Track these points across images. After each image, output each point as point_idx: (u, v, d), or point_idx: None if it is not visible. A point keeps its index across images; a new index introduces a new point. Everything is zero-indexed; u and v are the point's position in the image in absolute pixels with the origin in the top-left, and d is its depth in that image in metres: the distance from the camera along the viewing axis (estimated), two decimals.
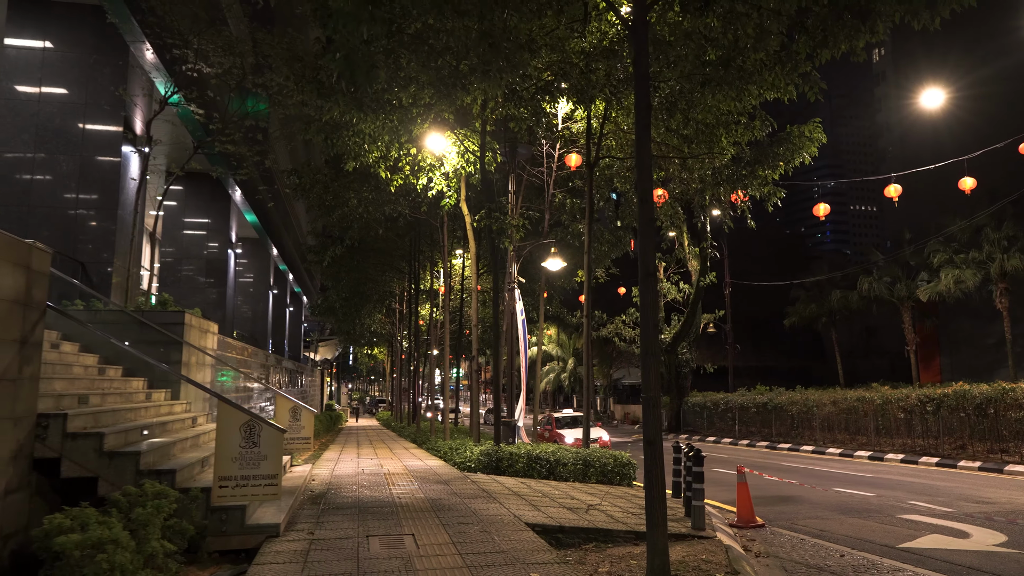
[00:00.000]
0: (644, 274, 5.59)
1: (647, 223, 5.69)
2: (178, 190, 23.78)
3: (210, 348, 12.34)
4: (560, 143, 17.30)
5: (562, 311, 29.34)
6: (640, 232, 5.70)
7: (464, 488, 9.46)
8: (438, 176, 13.79)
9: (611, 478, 11.74)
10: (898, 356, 43.63)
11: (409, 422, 29.85)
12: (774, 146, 14.26)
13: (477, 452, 12.01)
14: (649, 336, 5.50)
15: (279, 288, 38.36)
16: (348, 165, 12.70)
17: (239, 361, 16.18)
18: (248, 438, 6.30)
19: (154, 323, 10.55)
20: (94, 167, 13.02)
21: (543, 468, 11.62)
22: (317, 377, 43.89)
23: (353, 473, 11.30)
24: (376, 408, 65.37)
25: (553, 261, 15.28)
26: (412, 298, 26.87)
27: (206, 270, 23.92)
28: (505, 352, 16.16)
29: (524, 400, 14.88)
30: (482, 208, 12.63)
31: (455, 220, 22.83)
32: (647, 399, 5.44)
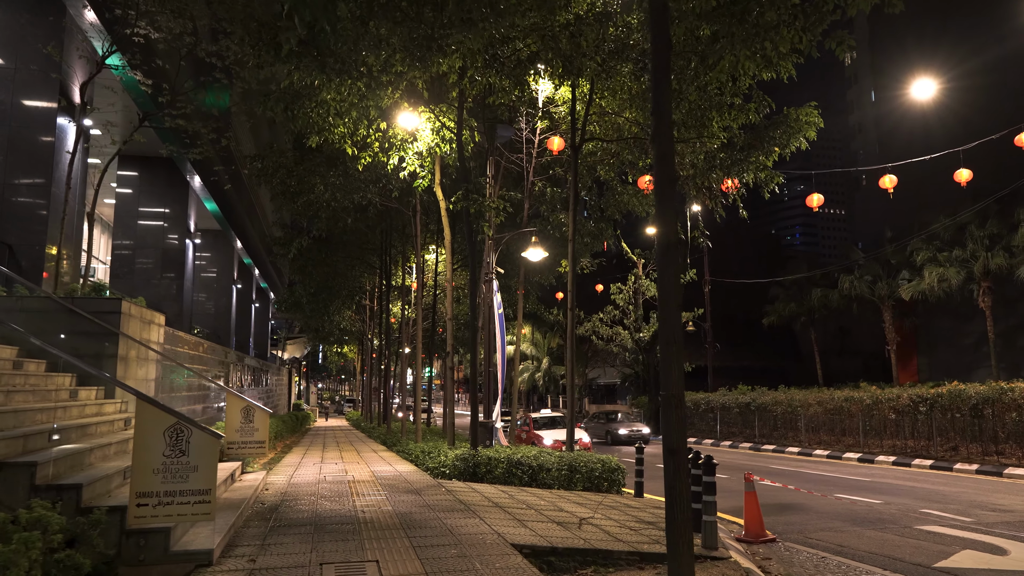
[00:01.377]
0: (663, 246, 4.56)
1: (666, 183, 4.66)
2: (133, 176, 22.27)
3: (155, 341, 11.06)
4: (541, 129, 16.29)
5: (540, 308, 28.28)
6: (658, 196, 4.67)
7: (438, 499, 8.35)
8: (410, 155, 12.65)
9: (599, 485, 10.74)
10: (872, 356, 43.45)
11: (379, 423, 28.63)
12: (770, 129, 13.38)
13: (452, 457, 10.91)
14: (671, 321, 4.47)
15: (244, 283, 36.75)
16: (311, 140, 11.51)
17: (192, 357, 14.86)
18: (174, 445, 5.13)
19: (86, 312, 9.29)
20: (24, 139, 11.64)
21: (525, 474, 10.57)
22: (285, 376, 42.37)
23: (313, 481, 10.12)
24: (345, 408, 63.76)
25: (534, 251, 14.21)
26: (383, 294, 25.65)
27: (162, 262, 22.41)
28: (482, 349, 15.09)
29: (501, 400, 13.81)
30: (457, 194, 11.53)
31: (428, 212, 21.74)
32: (668, 398, 4.40)
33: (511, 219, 19.50)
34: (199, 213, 25.41)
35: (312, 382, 79.06)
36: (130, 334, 9.75)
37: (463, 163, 11.48)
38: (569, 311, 12.65)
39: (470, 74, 10.60)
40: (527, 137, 16.72)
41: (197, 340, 15.79)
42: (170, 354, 12.57)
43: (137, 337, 10.11)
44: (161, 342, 11.63)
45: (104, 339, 9.34)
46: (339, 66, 8.97)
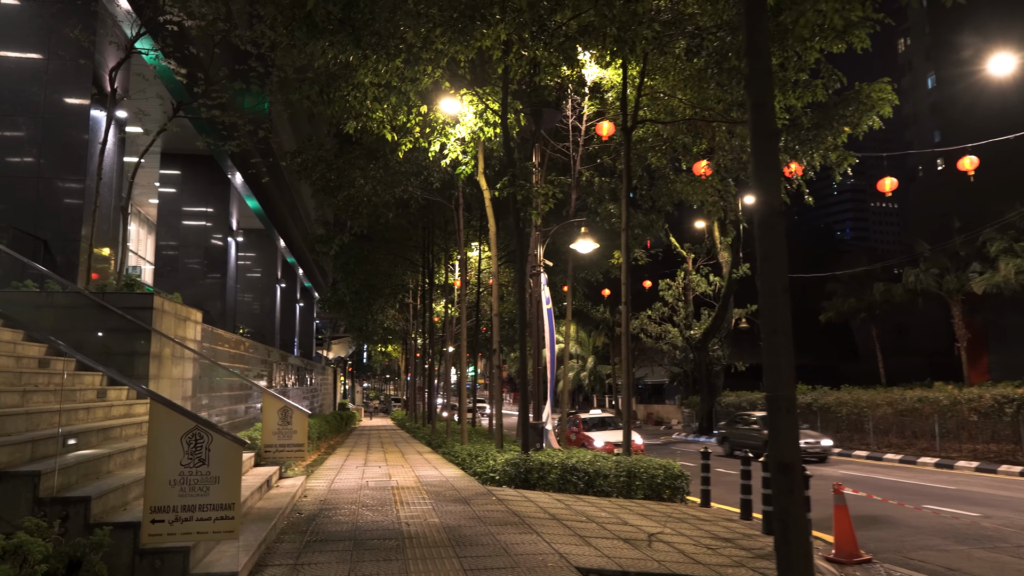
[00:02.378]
0: (766, 214, 3.73)
1: (764, 138, 3.82)
2: (175, 175, 22.20)
3: (191, 339, 10.60)
4: (588, 115, 15.49)
5: (586, 305, 27.45)
6: (756, 155, 3.84)
7: (489, 510, 7.62)
8: (452, 141, 11.96)
9: (660, 493, 9.88)
10: (936, 354, 41.25)
11: (424, 423, 28.13)
12: (839, 107, 12.29)
13: (502, 461, 10.17)
14: (777, 306, 3.64)
15: (287, 282, 36.75)
16: (349, 126, 10.91)
17: (233, 356, 14.44)
18: (193, 453, 4.50)
19: (117, 308, 8.82)
20: (57, 132, 11.33)
21: (580, 481, 9.76)
22: (330, 376, 42.30)
23: (355, 487, 9.49)
24: (391, 407, 63.76)
25: (583, 242, 13.38)
26: (426, 293, 25.12)
27: (205, 260, 22.28)
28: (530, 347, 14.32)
29: (552, 400, 13.03)
30: (503, 180, 10.78)
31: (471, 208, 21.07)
32: (777, 401, 3.57)
33: (557, 212, 18.73)
34: (241, 212, 25.28)
35: (358, 382, 79.47)
36: (163, 331, 9.27)
37: (508, 147, 10.73)
38: (624, 305, 11.79)
39: (515, 49, 9.84)
40: (573, 124, 15.94)
41: (238, 338, 15.39)
42: (209, 352, 12.13)
43: (171, 334, 9.64)
44: (198, 340, 11.17)
45: (136, 336, 8.88)
46: (375, 40, 8.34)
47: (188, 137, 19.29)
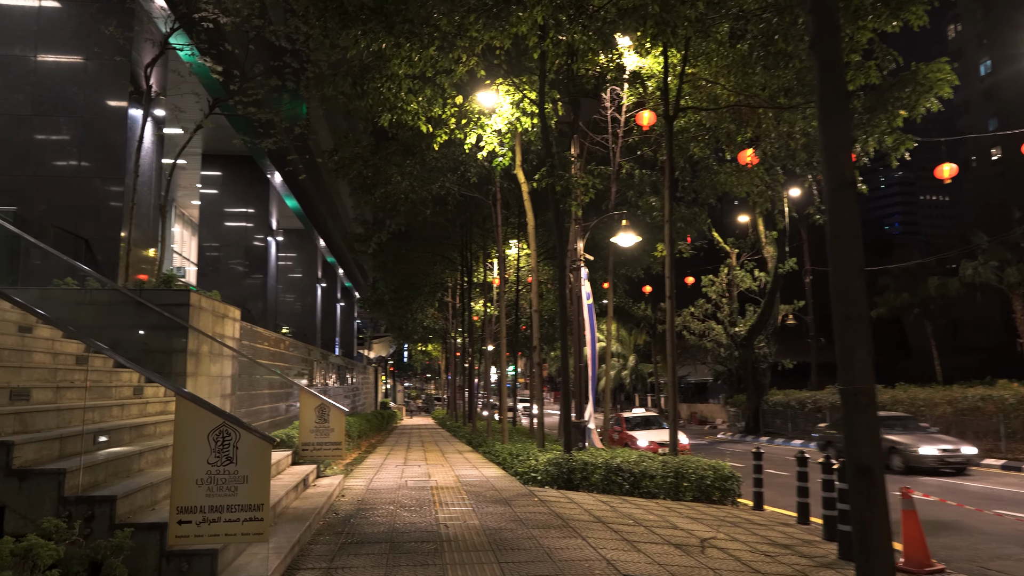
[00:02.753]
0: (836, 185, 3.34)
1: (834, 100, 3.42)
2: (216, 176, 22.43)
3: (229, 336, 10.53)
4: (627, 106, 15.08)
5: (627, 302, 26.92)
6: (824, 119, 3.44)
7: (531, 512, 7.30)
8: (488, 133, 11.68)
9: (709, 494, 9.42)
10: (994, 351, 39.49)
11: (464, 421, 27.97)
12: (895, 89, 11.65)
13: (544, 461, 9.84)
14: (851, 290, 3.25)
15: (328, 282, 37.03)
16: (383, 119, 10.72)
17: (273, 354, 14.41)
18: (220, 451, 4.29)
19: (154, 304, 8.77)
20: (97, 132, 11.41)
21: (625, 482, 9.38)
22: (371, 375, 42.51)
23: (394, 486, 9.28)
24: (432, 406, 63.96)
25: (625, 236, 12.98)
26: (465, 292, 24.94)
27: (246, 260, 22.47)
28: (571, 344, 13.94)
29: (594, 399, 12.66)
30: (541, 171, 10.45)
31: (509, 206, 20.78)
32: (853, 395, 3.17)
33: (596, 206, 18.33)
34: (281, 212, 25.47)
35: (399, 381, 79.99)
36: (201, 328, 9.19)
37: (546, 137, 10.39)
38: (668, 300, 11.36)
39: (552, 34, 9.51)
40: (612, 116, 15.53)
41: (278, 336, 15.37)
42: (248, 351, 12.09)
43: (209, 331, 9.56)
44: (237, 337, 11.11)
45: (174, 333, 8.81)
46: (407, 27, 8.09)
47: (228, 138, 19.44)
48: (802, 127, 12.20)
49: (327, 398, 9.85)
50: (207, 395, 9.46)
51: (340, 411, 9.10)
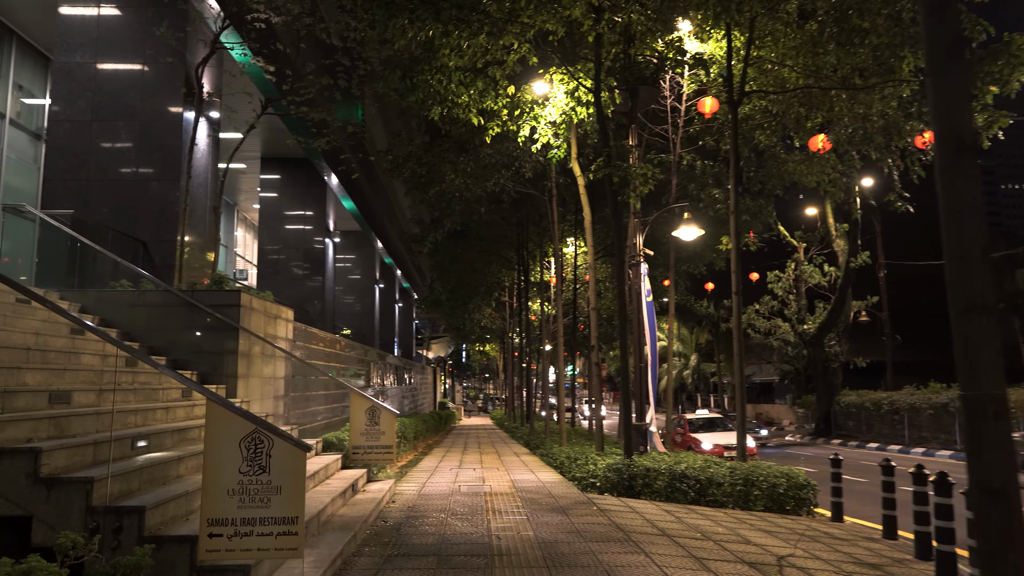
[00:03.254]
0: (953, 149, 2.78)
1: (948, 48, 2.86)
2: (275, 179, 22.70)
3: (282, 337, 10.43)
4: (687, 94, 14.44)
5: (689, 299, 26.06)
6: (934, 70, 2.89)
7: (590, 522, 6.84)
8: (543, 125, 11.25)
9: (782, 504, 8.76)
10: None
11: (522, 422, 27.64)
12: (985, 62, 10.69)
13: (603, 466, 9.35)
14: (973, 273, 2.69)
15: (386, 283, 37.24)
16: (433, 112, 10.42)
17: (328, 355, 14.36)
18: (253, 460, 4.00)
19: (205, 305, 8.69)
20: (153, 134, 11.48)
21: (691, 489, 8.81)
22: (429, 375, 42.67)
23: (446, 491, 8.95)
24: (490, 406, 63.97)
25: (687, 229, 12.33)
26: (522, 291, 24.61)
27: (305, 261, 22.65)
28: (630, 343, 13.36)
29: (655, 400, 12.08)
30: (598, 161, 9.95)
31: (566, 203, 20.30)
32: (978, 401, 2.61)
33: (655, 200, 17.70)
34: (338, 214, 25.63)
35: (458, 381, 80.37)
36: (252, 329, 9.08)
37: (602, 125, 9.88)
38: (735, 295, 10.70)
39: (607, 16, 9.01)
40: (671, 105, 14.90)
41: (333, 337, 15.31)
42: (302, 352, 12.00)
43: (261, 332, 9.45)
44: (290, 338, 11.02)
45: (225, 334, 8.72)
46: (455, 13, 7.75)
47: (285, 141, 19.60)
48: (880, 108, 11.34)
49: (378, 400, 9.62)
50: (259, 397, 9.35)
51: (390, 413, 8.82)
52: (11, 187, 13.07)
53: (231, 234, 27.29)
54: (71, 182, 11.36)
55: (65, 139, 11.57)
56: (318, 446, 8.63)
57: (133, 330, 8.67)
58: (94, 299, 8.79)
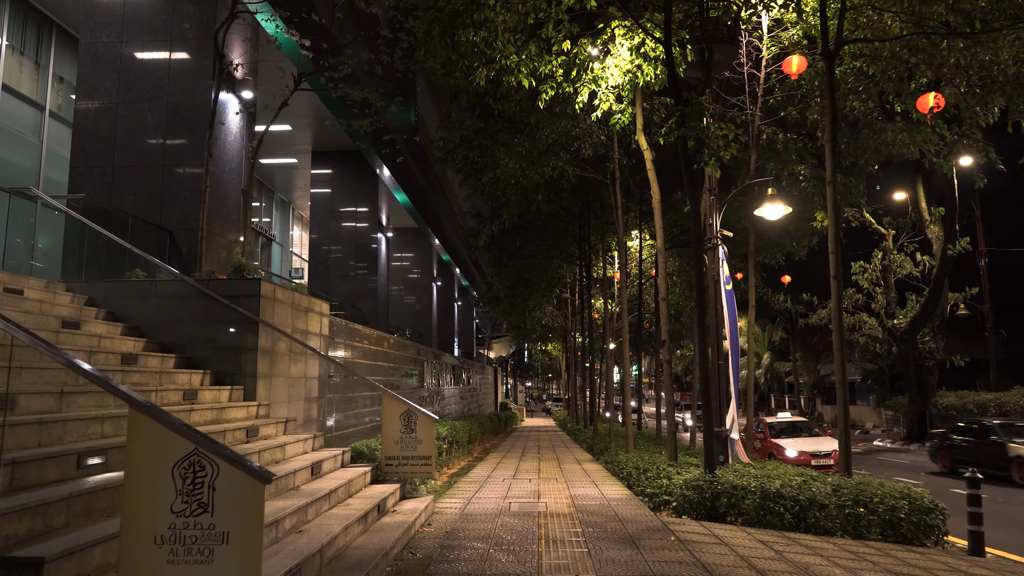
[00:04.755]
0: None
1: None
2: (325, 173, 22.00)
3: (315, 333, 9.39)
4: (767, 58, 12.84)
5: (765, 292, 24.05)
6: None
7: (668, 560, 5.44)
8: (603, 89, 9.86)
9: (901, 530, 7.12)
10: None
11: (585, 424, 26.21)
12: None
13: (680, 482, 7.90)
14: None
15: (444, 281, 36.41)
16: (478, 76, 9.17)
17: (375, 353, 13.31)
18: (190, 493, 2.82)
19: (222, 296, 7.69)
20: (182, 116, 10.66)
21: (787, 512, 7.27)
22: (490, 375, 41.67)
23: (494, 510, 7.68)
24: (551, 407, 62.63)
25: (771, 207, 10.72)
26: (584, 288, 23.20)
27: (356, 257, 21.86)
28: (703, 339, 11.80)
29: (736, 402, 10.52)
30: (670, 122, 8.50)
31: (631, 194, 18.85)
32: None
33: (728, 181, 16.09)
34: (392, 209, 24.80)
35: (520, 381, 79.36)
36: (276, 323, 8.03)
37: (674, 81, 8.40)
38: (834, 280, 9.09)
39: None
40: (749, 72, 13.28)
41: (380, 334, 14.26)
42: (344, 349, 10.97)
43: (288, 327, 8.41)
44: (325, 334, 9.97)
45: (243, 328, 7.70)
46: None
47: (336, 133, 18.81)
48: (1011, 54, 9.48)
49: (418, 402, 8.44)
50: (285, 400, 8.31)
51: (429, 419, 7.61)
52: (51, 181, 12.56)
53: (287, 232, 26.87)
54: (97, 168, 10.63)
55: (91, 123, 10.87)
56: (345, 456, 7.50)
57: (144, 324, 7.75)
58: (103, 290, 7.92)
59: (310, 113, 18.23)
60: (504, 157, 15.01)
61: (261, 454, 5.86)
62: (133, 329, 7.62)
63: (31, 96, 12.53)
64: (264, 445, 6.13)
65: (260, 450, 5.89)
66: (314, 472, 6.26)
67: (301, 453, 6.84)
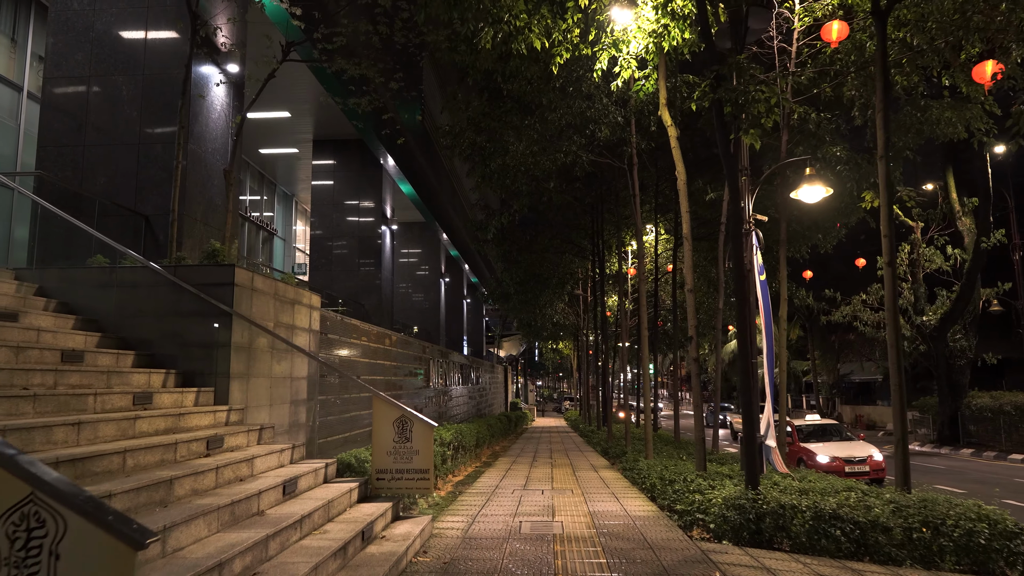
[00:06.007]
0: None
1: None
2: (327, 164, 21.02)
3: (302, 327, 8.40)
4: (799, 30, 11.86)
5: (790, 287, 22.90)
6: None
7: None
8: (624, 55, 8.81)
9: (983, 561, 6.04)
10: None
11: (598, 425, 25.18)
12: None
13: (717, 499, 6.83)
14: None
15: (452, 277, 35.41)
16: (484, 38, 8.15)
17: (375, 351, 12.31)
18: (19, 565, 1.81)
19: (191, 284, 6.72)
20: (158, 90, 9.69)
21: (846, 536, 6.20)
22: (500, 374, 40.66)
23: (501, 534, 6.65)
24: (563, 407, 61.56)
25: (810, 188, 9.65)
26: (597, 285, 22.17)
27: (359, 251, 20.87)
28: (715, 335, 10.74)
29: (772, 405, 9.44)
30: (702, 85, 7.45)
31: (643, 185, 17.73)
32: None
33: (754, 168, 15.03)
34: (398, 202, 23.77)
35: (530, 380, 78.30)
36: (256, 315, 7.05)
37: (707, 35, 7.33)
38: (886, 267, 8.01)
39: None
40: (779, 47, 12.25)
41: (382, 331, 13.24)
42: (337, 346, 9.98)
43: (270, 320, 7.43)
44: (316, 329, 8.98)
45: (216, 321, 6.72)
46: None
47: (338, 121, 17.87)
48: None
49: (420, 403, 7.42)
50: (266, 403, 7.32)
51: (426, 426, 6.59)
52: (29, 166, 11.64)
53: (289, 227, 25.95)
54: (67, 148, 9.67)
55: (60, 99, 9.92)
56: (330, 470, 6.48)
57: (103, 317, 6.79)
58: (57, 279, 6.96)
59: (310, 98, 17.27)
60: (514, 141, 14.02)
61: (219, 471, 4.85)
62: (89, 323, 6.66)
63: (7, 76, 11.62)
64: (226, 459, 5.12)
65: (220, 466, 4.89)
66: (287, 491, 5.26)
67: (275, 467, 5.83)
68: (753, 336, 9.10)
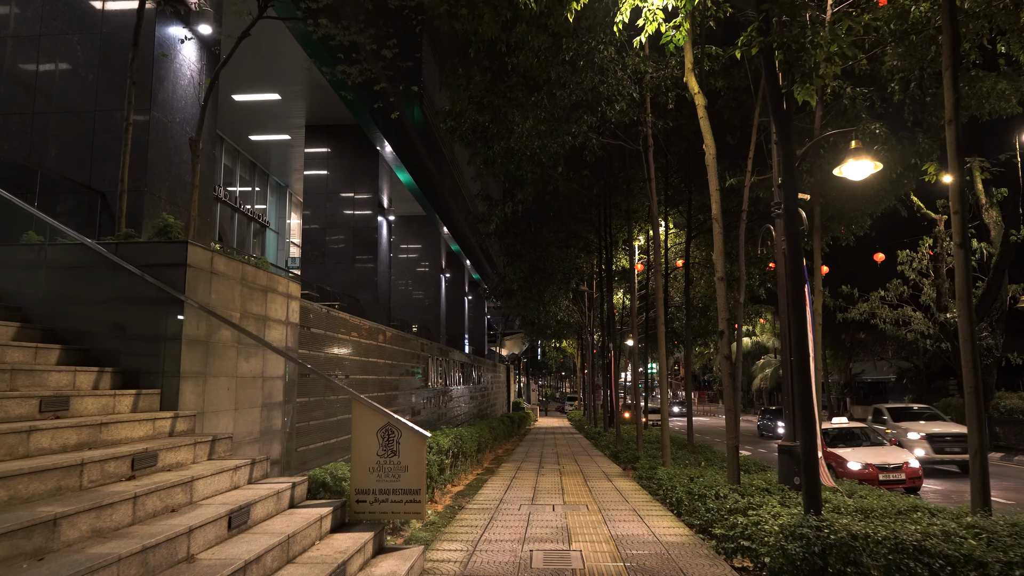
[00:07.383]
0: None
1: None
2: (321, 151, 19.88)
3: (277, 319, 7.24)
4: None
5: None
6: None
7: None
8: (649, 6, 7.65)
9: None
10: None
11: (605, 427, 24.05)
12: None
13: (775, 530, 5.62)
14: None
15: (453, 273, 34.24)
16: None
17: (367, 348, 11.14)
18: None
19: (137, 266, 5.56)
20: (116, 50, 8.55)
21: (934, 575, 5.02)
22: (502, 373, 39.51)
23: (510, 566, 5.46)
24: (566, 406, 60.43)
25: (856, 164, 8.48)
26: (604, 280, 21.01)
27: (354, 242, 19.72)
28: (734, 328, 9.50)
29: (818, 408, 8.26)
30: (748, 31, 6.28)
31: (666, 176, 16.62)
32: None
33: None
34: (397, 194, 22.58)
35: (533, 379, 77.12)
36: (213, 303, 5.89)
37: None
38: (958, 249, 6.80)
39: None
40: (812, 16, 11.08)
41: (374, 326, 12.06)
42: (321, 341, 8.83)
43: (236, 309, 6.27)
44: (295, 322, 7.82)
45: (165, 310, 5.57)
46: None
47: (332, 105, 16.74)
48: None
49: (397, 416, 6.27)
50: (229, 407, 6.15)
51: (417, 436, 5.41)
52: None
53: (283, 219, 24.83)
54: (14, 116, 8.53)
55: (4, 59, 8.76)
56: (298, 490, 5.31)
57: (28, 304, 5.65)
58: None
59: (300, 79, 16.15)
60: (519, 121, 12.83)
61: (139, 502, 3.69)
62: (11, 311, 5.51)
63: None
64: (155, 483, 3.95)
65: (142, 493, 3.72)
66: (233, 524, 4.08)
67: (225, 490, 4.66)
68: (807, 330, 7.92)
